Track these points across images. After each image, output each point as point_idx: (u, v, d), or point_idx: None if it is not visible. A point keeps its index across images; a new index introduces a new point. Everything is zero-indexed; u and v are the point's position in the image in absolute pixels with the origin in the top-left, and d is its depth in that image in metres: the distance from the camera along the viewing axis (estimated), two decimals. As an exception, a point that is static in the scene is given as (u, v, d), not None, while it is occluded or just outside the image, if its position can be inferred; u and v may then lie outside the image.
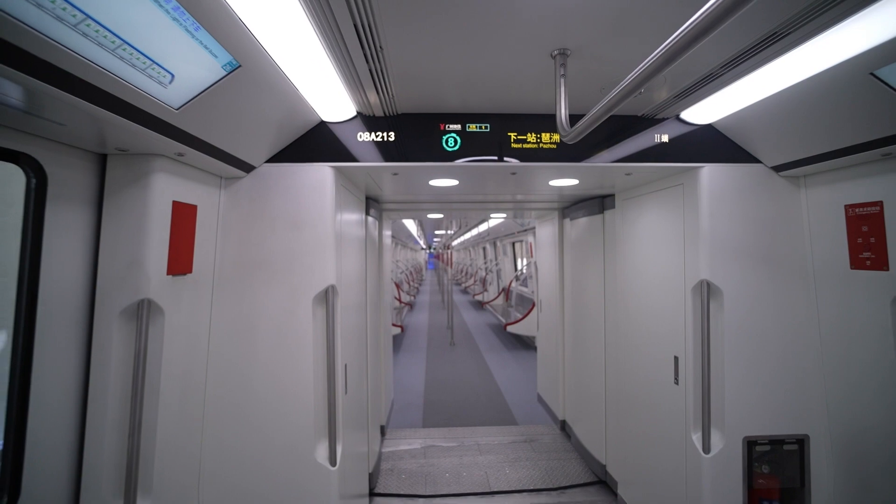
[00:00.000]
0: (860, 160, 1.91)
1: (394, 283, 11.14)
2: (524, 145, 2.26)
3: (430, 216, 5.64)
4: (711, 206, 2.28)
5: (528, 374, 7.10)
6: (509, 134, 2.26)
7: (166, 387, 1.74)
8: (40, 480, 1.43)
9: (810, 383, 2.23)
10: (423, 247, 28.53)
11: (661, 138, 2.29)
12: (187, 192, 1.82)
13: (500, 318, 11.54)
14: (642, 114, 2.28)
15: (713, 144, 2.29)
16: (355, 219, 2.86)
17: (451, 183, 2.79)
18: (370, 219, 3.45)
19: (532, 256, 9.80)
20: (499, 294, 13.84)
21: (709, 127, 2.29)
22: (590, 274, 3.68)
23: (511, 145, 2.26)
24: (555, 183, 2.86)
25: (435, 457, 4.05)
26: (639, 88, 1.21)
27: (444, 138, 2.25)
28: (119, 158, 1.61)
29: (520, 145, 2.26)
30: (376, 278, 3.84)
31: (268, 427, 2.08)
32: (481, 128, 2.26)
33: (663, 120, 2.30)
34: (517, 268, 13.36)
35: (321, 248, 2.15)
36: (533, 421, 5.10)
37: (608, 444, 3.41)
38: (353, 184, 2.71)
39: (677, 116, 2.28)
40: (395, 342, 9.23)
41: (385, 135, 2.23)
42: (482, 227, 10.58)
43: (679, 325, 2.43)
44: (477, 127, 2.26)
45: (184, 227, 1.81)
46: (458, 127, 2.25)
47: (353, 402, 2.66)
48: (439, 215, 5.52)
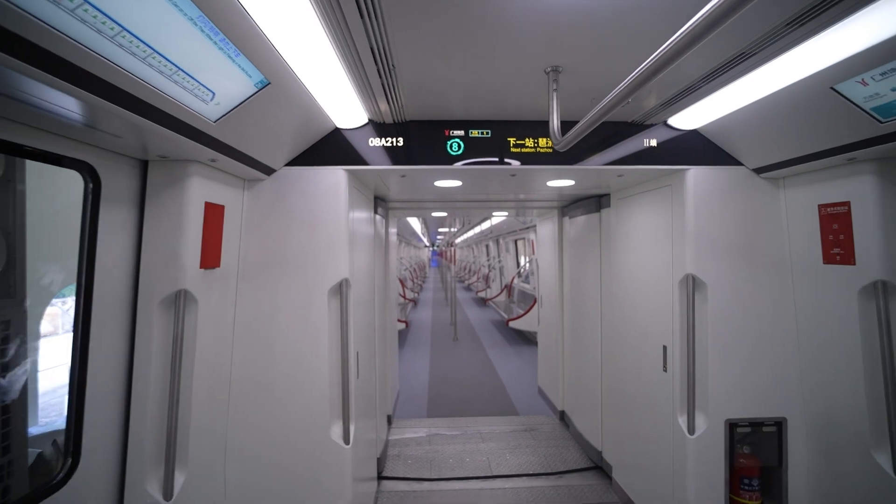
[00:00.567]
0: (829, 164, 2.08)
1: (398, 280, 11.32)
2: (523, 149, 2.44)
3: (435, 214, 5.82)
4: (697, 206, 2.45)
5: (529, 368, 7.24)
6: (509, 139, 2.44)
7: (199, 370, 1.93)
8: (95, 449, 1.63)
9: (788, 369, 2.40)
10: (427, 244, 28.72)
11: (650, 143, 2.47)
12: (216, 193, 2.02)
13: (503, 314, 11.71)
14: (632, 120, 2.45)
15: (699, 148, 2.46)
16: (365, 217, 3.05)
17: (454, 184, 2.98)
18: (378, 217, 3.64)
19: (534, 253, 9.94)
20: (501, 291, 13.97)
21: (694, 132, 2.46)
22: (587, 270, 3.85)
23: (511, 149, 2.44)
24: (552, 184, 3.04)
25: (439, 444, 4.24)
26: (626, 99, 1.33)
27: (449, 143, 2.44)
28: (159, 164, 1.81)
29: (519, 149, 2.44)
30: (383, 274, 4.03)
31: (287, 407, 2.28)
32: (483, 133, 2.44)
33: (652, 126, 2.47)
34: (519, 265, 13.51)
35: (335, 244, 2.34)
36: (533, 412, 5.28)
37: (604, 432, 3.58)
38: (363, 184, 2.90)
39: (665, 122, 2.45)
40: (400, 337, 9.38)
41: (394, 140, 2.42)
42: (485, 225, 10.72)
43: (667, 316, 2.60)
44: (479, 132, 2.44)
45: (214, 225, 2.01)
46: (461, 133, 2.44)
47: (363, 390, 2.84)
48: (444, 213, 5.69)
